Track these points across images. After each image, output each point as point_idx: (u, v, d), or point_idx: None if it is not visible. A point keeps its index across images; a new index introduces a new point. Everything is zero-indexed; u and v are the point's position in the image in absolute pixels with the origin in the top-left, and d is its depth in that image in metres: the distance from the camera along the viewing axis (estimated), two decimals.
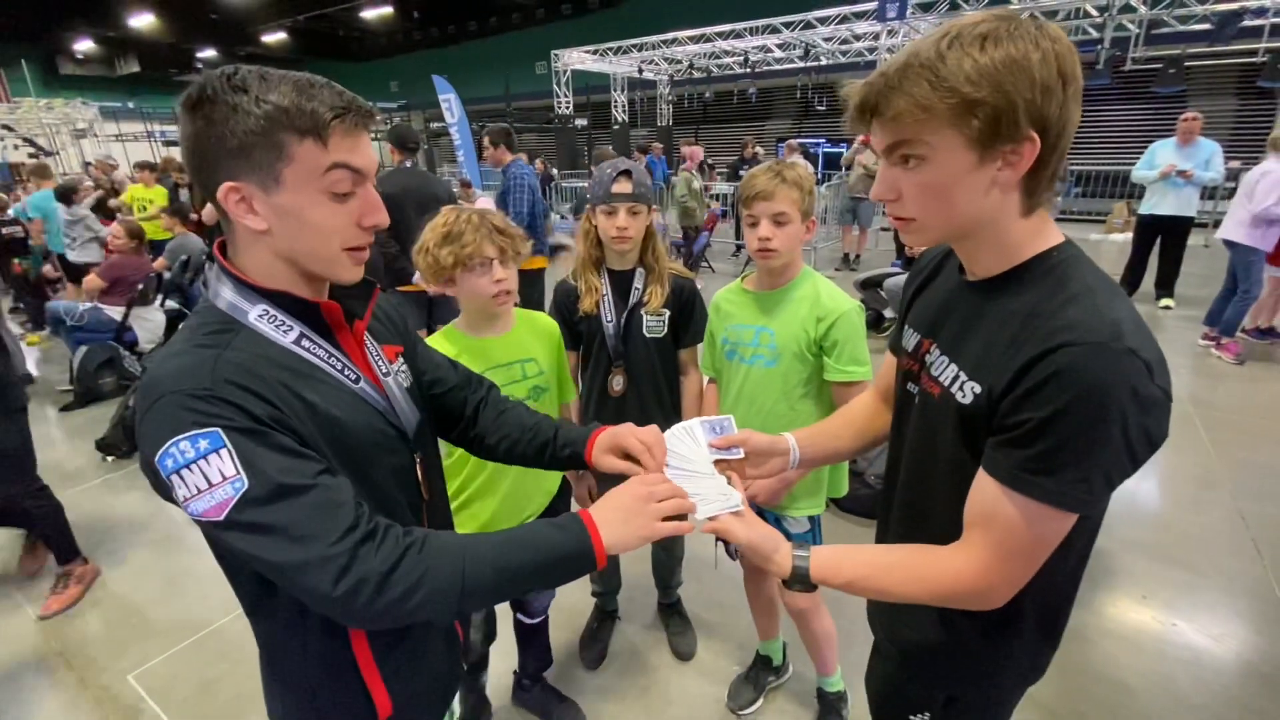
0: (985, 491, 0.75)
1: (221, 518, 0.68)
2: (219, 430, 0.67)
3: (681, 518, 0.86)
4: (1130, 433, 0.67)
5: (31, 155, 12.86)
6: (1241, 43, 9.06)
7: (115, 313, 4.67)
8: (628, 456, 0.98)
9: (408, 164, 4.00)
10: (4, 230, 6.19)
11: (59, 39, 21.42)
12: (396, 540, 0.73)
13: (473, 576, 0.74)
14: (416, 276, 1.76)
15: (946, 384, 0.81)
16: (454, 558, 0.75)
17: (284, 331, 0.78)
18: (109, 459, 3.70)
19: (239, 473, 0.67)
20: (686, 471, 0.94)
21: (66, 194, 5.99)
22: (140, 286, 4.78)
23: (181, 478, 0.67)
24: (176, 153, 8.68)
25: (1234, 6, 8.86)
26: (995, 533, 0.75)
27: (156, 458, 0.67)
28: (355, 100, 0.75)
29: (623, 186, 1.65)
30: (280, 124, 0.71)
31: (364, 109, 0.76)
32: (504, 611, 1.82)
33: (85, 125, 16.38)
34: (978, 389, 0.76)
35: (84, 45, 22.11)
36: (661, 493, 0.85)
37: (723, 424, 0.99)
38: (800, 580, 0.86)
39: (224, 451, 0.67)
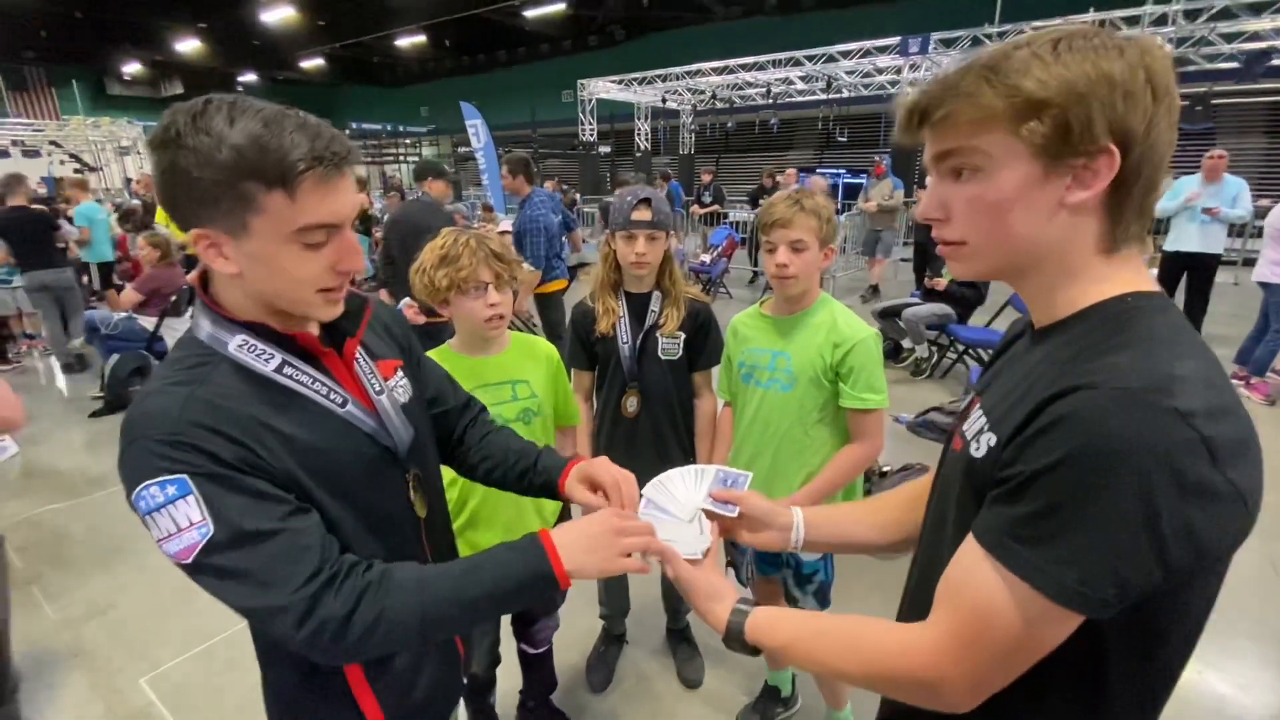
0: (963, 557, 0.62)
1: (189, 561, 0.69)
2: (185, 477, 0.68)
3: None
4: (1158, 519, 0.51)
5: (76, 170, 13.40)
6: (1270, 81, 9.01)
7: (148, 323, 4.81)
8: (598, 490, 0.96)
9: (419, 195, 4.10)
10: None
11: (108, 62, 22.43)
12: (354, 583, 0.74)
13: (432, 610, 0.76)
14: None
15: (969, 438, 0.68)
16: (412, 594, 0.76)
17: (265, 360, 0.77)
18: None
19: (205, 519, 0.68)
20: (664, 514, 0.94)
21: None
22: (173, 298, 4.92)
23: (154, 520, 0.69)
24: None
25: (1262, 46, 8.84)
26: (962, 607, 0.61)
27: (132, 498, 0.70)
28: (330, 145, 0.70)
29: (642, 214, 1.68)
30: (244, 173, 0.66)
31: (339, 155, 0.70)
32: (509, 636, 1.82)
33: (129, 143, 17.01)
34: (993, 440, 0.63)
35: (132, 68, 23.13)
36: (631, 529, 0.84)
37: (737, 479, 0.96)
38: (736, 639, 0.78)
39: (191, 498, 0.68)
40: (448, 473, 1.14)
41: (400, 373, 0.96)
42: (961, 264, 0.69)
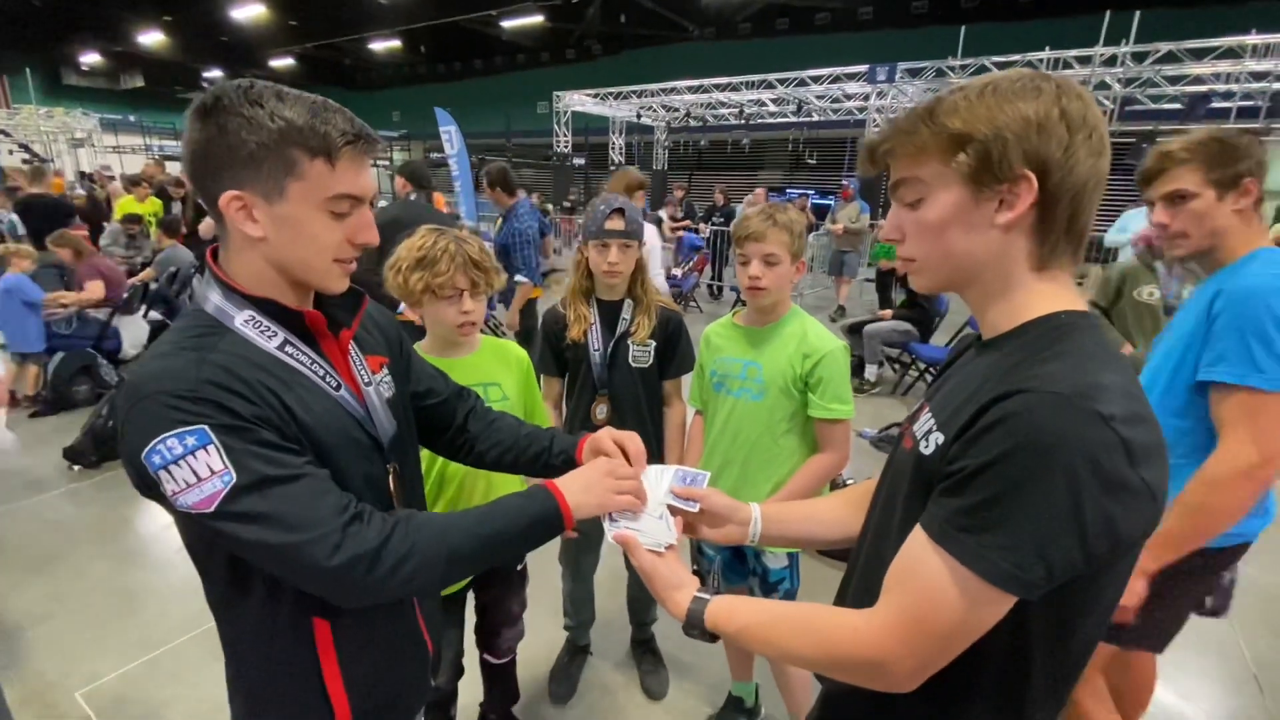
0: (911, 546, 0.68)
1: (212, 509, 0.70)
2: (205, 427, 0.70)
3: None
4: (1083, 510, 0.57)
5: (25, 161, 12.84)
6: (1210, 122, 9.57)
7: (101, 316, 4.63)
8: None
9: (412, 196, 4.06)
10: None
11: (65, 50, 21.65)
12: (384, 519, 0.78)
13: (456, 545, 0.80)
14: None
15: (919, 437, 0.75)
16: (437, 530, 0.80)
17: (268, 337, 0.80)
18: (75, 468, 3.60)
19: (226, 467, 0.70)
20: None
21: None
22: (125, 295, 4.75)
23: (170, 473, 0.69)
24: (173, 167, 8.70)
25: (1203, 89, 9.41)
26: (910, 591, 0.67)
27: (143, 454, 0.69)
28: (364, 128, 0.79)
29: (615, 223, 1.70)
30: (293, 140, 0.74)
31: (371, 137, 0.80)
32: (471, 649, 1.79)
33: (84, 135, 16.41)
34: (941, 439, 0.70)
35: (90, 58, 22.37)
36: (621, 472, 0.93)
37: (696, 477, 1.01)
38: (695, 625, 0.82)
39: (211, 447, 0.70)
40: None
41: (385, 370, 0.98)
42: (916, 278, 0.78)
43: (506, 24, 18.69)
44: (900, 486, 0.78)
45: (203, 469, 0.69)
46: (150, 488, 0.72)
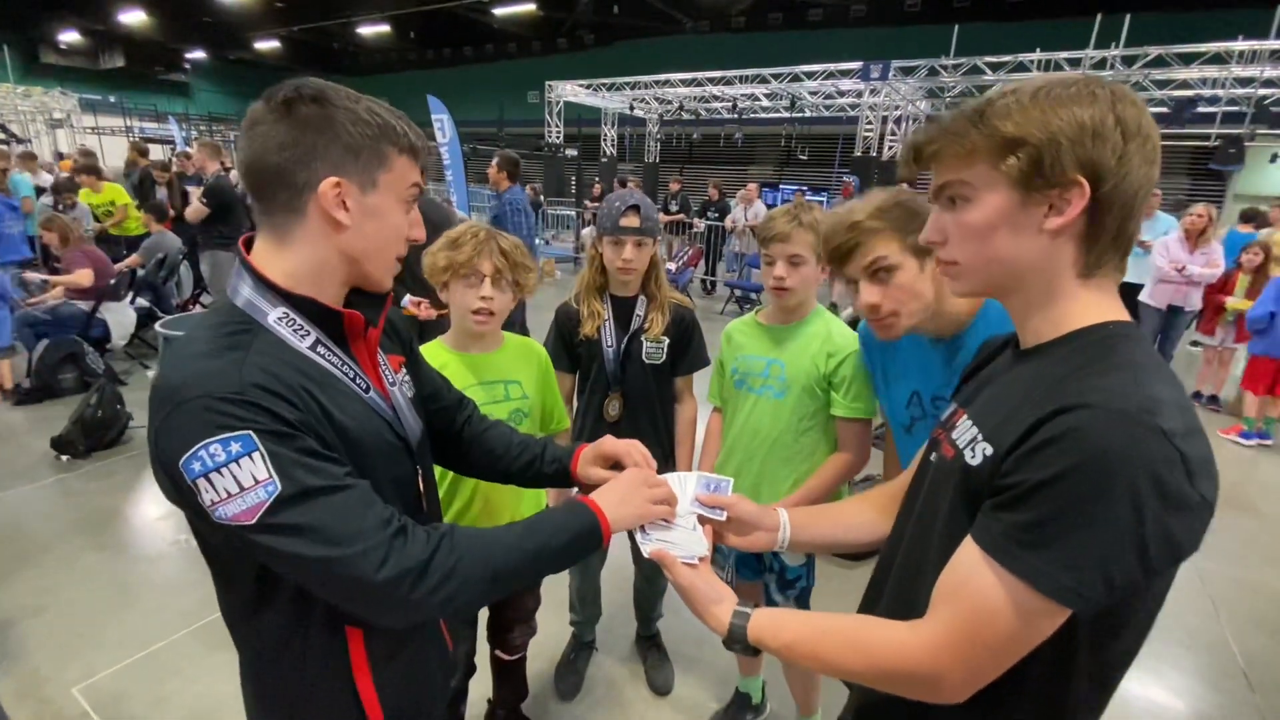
0: (963, 559, 0.67)
1: (254, 521, 0.67)
2: (250, 433, 0.66)
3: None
4: (1145, 526, 0.57)
5: (2, 141, 12.50)
6: (1196, 127, 9.72)
7: (85, 306, 4.53)
8: (613, 466, 1.03)
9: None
10: None
11: (44, 28, 21.05)
12: (428, 534, 0.76)
13: (500, 561, 0.79)
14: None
15: (962, 446, 0.74)
16: (482, 546, 0.79)
17: (301, 336, 0.77)
18: (64, 458, 3.53)
19: (271, 476, 0.67)
20: (660, 520, 0.96)
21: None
22: (113, 282, 4.65)
23: (210, 481, 0.66)
24: (159, 151, 8.50)
25: (1189, 94, 9.55)
26: (962, 607, 0.66)
27: (182, 461, 0.66)
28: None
29: (631, 220, 1.69)
30: (387, 137, 0.79)
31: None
32: (482, 645, 1.79)
33: (62, 115, 16.00)
34: (989, 450, 0.68)
35: (69, 36, 21.77)
36: (653, 480, 0.95)
37: (720, 484, 1.00)
38: (738, 640, 0.81)
39: (256, 455, 0.66)
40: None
41: (404, 370, 0.97)
42: (956, 282, 0.77)
43: (498, 11, 18.48)
44: (942, 496, 0.77)
45: (246, 478, 0.66)
46: (185, 496, 0.69)
